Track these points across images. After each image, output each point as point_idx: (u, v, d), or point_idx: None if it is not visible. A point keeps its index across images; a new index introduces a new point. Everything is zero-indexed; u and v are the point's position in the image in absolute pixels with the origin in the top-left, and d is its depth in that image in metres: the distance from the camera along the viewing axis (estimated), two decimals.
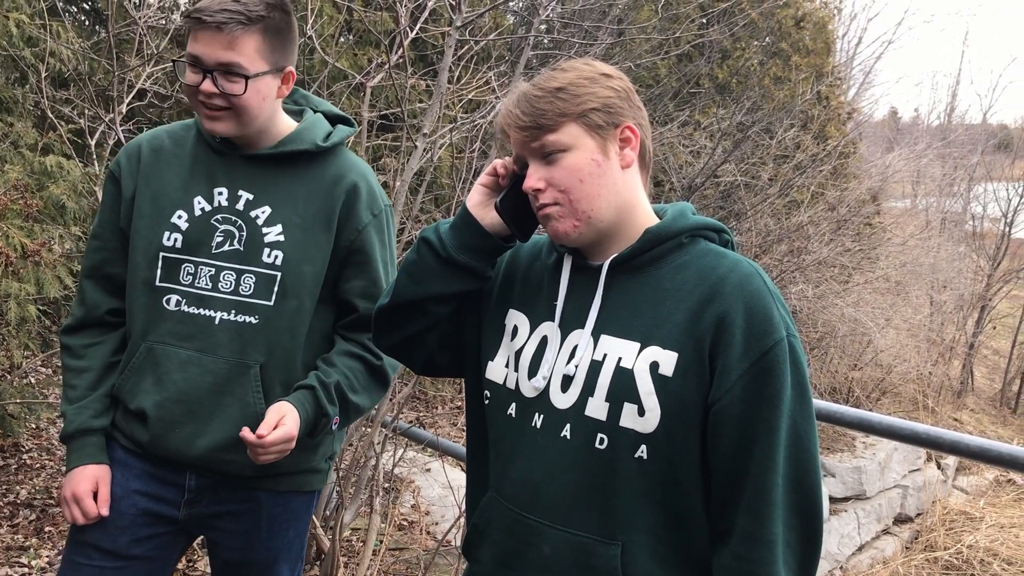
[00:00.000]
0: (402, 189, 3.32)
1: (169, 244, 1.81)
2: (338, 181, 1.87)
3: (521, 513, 1.41)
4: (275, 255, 1.81)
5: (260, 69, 1.74)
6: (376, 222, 1.91)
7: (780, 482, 1.30)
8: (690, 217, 1.43)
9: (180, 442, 1.81)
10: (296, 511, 1.97)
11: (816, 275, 8.63)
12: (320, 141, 1.86)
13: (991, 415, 13.06)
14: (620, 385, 1.33)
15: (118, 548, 1.84)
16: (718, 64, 9.37)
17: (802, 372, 1.32)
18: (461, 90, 4.08)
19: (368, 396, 1.92)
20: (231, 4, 1.69)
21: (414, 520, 4.30)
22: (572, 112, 1.36)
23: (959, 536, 8.75)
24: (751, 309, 1.30)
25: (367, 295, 1.89)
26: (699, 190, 7.68)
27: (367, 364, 1.90)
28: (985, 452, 2.12)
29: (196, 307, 1.80)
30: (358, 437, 3.54)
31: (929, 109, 31.25)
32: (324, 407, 1.81)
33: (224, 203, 1.82)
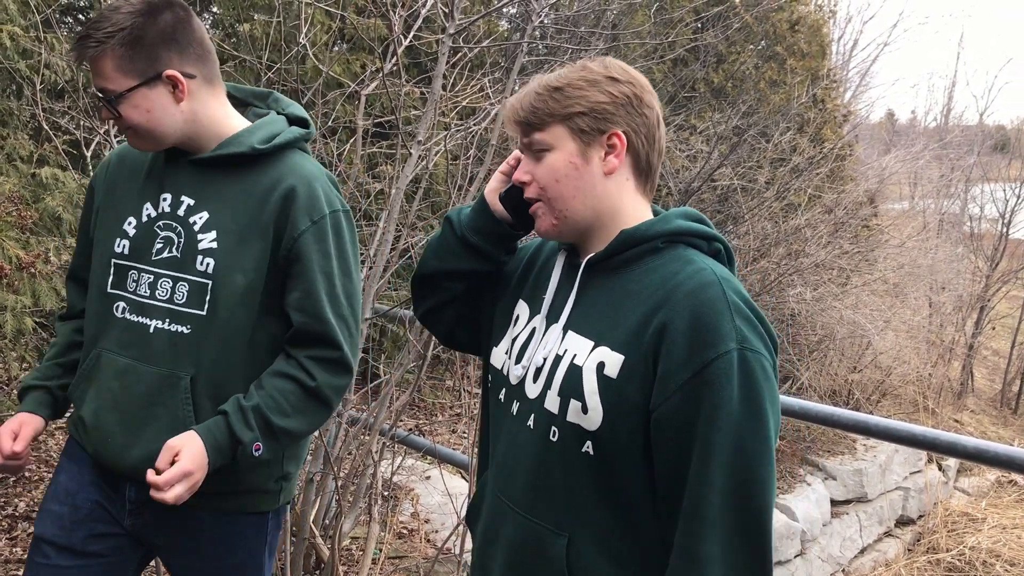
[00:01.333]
0: (397, 196, 3.32)
1: (119, 251, 1.80)
2: (275, 186, 1.77)
3: (499, 495, 1.49)
4: (207, 263, 1.74)
5: (126, 86, 1.68)
6: (316, 229, 1.78)
7: (717, 500, 1.25)
8: (674, 222, 1.41)
9: (114, 452, 1.77)
10: (245, 534, 1.88)
11: (814, 278, 8.62)
12: (258, 144, 1.78)
13: (992, 416, 13.04)
14: (570, 381, 1.37)
15: (73, 544, 1.81)
16: (713, 68, 9.37)
17: (757, 389, 1.26)
18: (455, 97, 4.08)
19: (303, 419, 1.78)
20: (90, 28, 1.66)
21: (414, 528, 4.29)
22: (559, 113, 1.40)
23: (961, 538, 8.74)
24: (697, 318, 1.27)
25: (301, 307, 1.77)
26: (696, 194, 7.68)
27: (300, 385, 1.76)
28: (982, 453, 2.12)
29: (136, 315, 1.77)
30: (356, 445, 3.53)
31: (926, 111, 31.27)
32: (237, 433, 1.71)
33: (167, 209, 1.79)
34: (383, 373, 4.06)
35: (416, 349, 3.46)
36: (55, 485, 1.88)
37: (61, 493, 1.85)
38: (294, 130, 1.85)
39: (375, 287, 3.34)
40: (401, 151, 3.38)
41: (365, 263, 3.47)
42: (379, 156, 5.31)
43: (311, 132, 1.90)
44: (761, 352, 1.28)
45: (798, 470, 8.42)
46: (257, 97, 1.96)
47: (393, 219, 3.33)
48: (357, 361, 1.86)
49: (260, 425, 1.73)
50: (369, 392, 4.01)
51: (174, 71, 1.72)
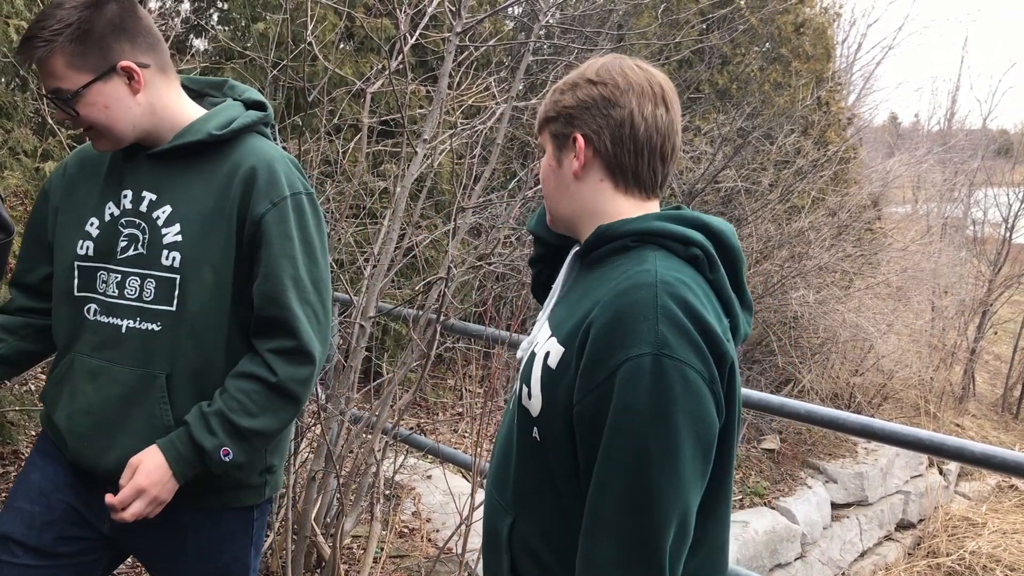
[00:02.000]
0: (402, 195, 3.32)
1: (82, 253, 1.76)
2: (235, 171, 1.72)
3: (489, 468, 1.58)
4: (173, 256, 1.70)
5: (81, 83, 1.64)
6: (277, 211, 1.71)
7: (612, 504, 1.22)
8: (647, 222, 1.37)
9: (92, 456, 1.73)
10: (230, 532, 1.85)
11: (817, 280, 8.62)
12: (214, 130, 1.72)
13: (993, 421, 13.03)
14: (527, 369, 1.42)
15: (43, 545, 1.77)
16: (718, 70, 9.37)
17: (667, 395, 1.20)
18: (461, 96, 4.08)
19: (271, 417, 1.71)
20: (37, 28, 1.61)
21: (415, 527, 4.28)
22: (544, 119, 1.48)
23: (961, 542, 8.73)
24: (616, 320, 1.24)
25: (262, 292, 1.71)
26: (700, 196, 7.67)
27: (263, 382, 1.70)
28: (989, 459, 2.11)
29: (107, 316, 1.73)
30: (359, 444, 3.52)
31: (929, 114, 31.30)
32: (198, 440, 1.66)
33: (129, 206, 1.74)
34: (385, 372, 4.05)
35: (419, 348, 3.45)
36: (26, 483, 1.82)
37: (34, 492, 1.80)
38: (251, 114, 1.80)
39: (379, 285, 3.33)
40: (406, 150, 3.38)
41: (369, 261, 3.47)
42: (384, 155, 5.31)
43: (268, 115, 1.85)
44: (684, 360, 1.21)
45: (799, 473, 8.41)
46: (213, 87, 1.91)
47: (398, 218, 3.33)
48: (326, 350, 1.78)
49: (225, 429, 1.67)
50: (372, 391, 4.00)
51: (128, 62, 1.67)
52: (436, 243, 5.35)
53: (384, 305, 3.82)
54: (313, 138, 4.18)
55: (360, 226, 4.68)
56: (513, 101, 3.66)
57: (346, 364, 3.40)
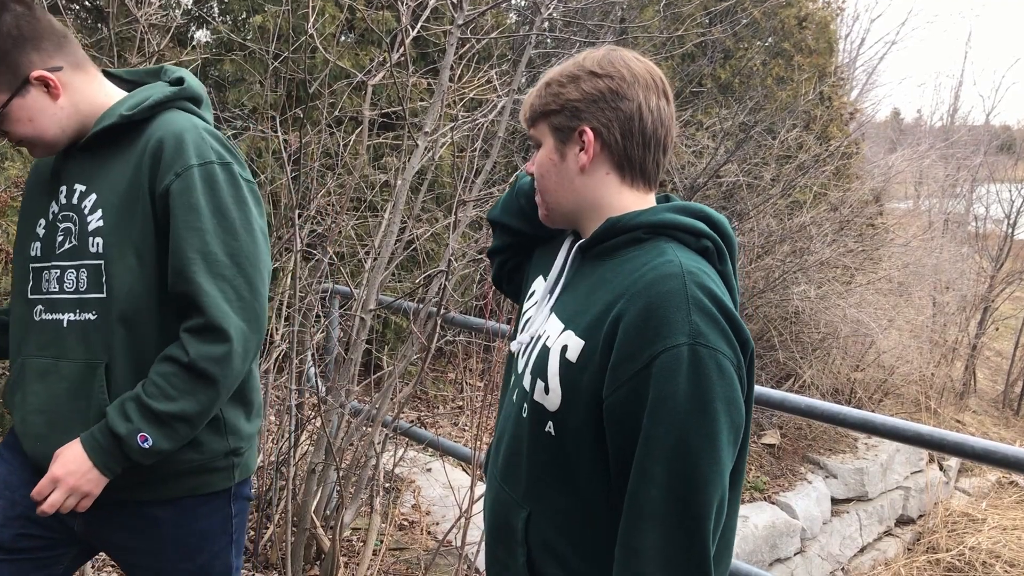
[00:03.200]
0: (403, 188, 3.31)
1: (33, 254, 1.76)
2: (145, 145, 1.67)
3: (492, 461, 1.58)
4: (97, 242, 1.67)
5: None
6: (181, 181, 1.64)
7: (655, 494, 1.23)
8: (659, 214, 1.39)
9: (47, 454, 1.70)
10: (207, 530, 1.83)
11: (819, 276, 8.60)
12: (126, 111, 1.67)
13: (993, 417, 13.02)
14: (539, 362, 1.41)
15: (2, 540, 1.75)
16: (720, 64, 9.34)
17: (705, 384, 1.23)
18: (463, 88, 4.07)
19: (191, 399, 1.64)
20: None
21: (415, 520, 4.29)
22: (540, 111, 1.45)
23: (961, 538, 8.73)
24: (650, 310, 1.25)
25: (171, 268, 1.65)
26: (701, 190, 7.66)
27: (179, 364, 1.64)
28: (990, 454, 2.11)
29: (50, 312, 1.72)
30: (358, 437, 3.52)
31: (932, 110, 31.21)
32: (114, 427, 1.62)
33: (64, 200, 1.74)
34: (386, 365, 4.05)
35: (419, 341, 3.45)
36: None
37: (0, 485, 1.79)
38: (166, 89, 1.74)
39: (379, 278, 3.33)
40: (407, 143, 3.37)
41: (370, 254, 3.46)
42: (386, 148, 5.30)
43: (187, 88, 1.77)
44: (718, 349, 1.24)
45: (799, 468, 8.41)
46: (149, 75, 1.86)
47: (398, 210, 3.32)
48: (257, 328, 1.70)
49: (141, 414, 1.62)
50: (372, 383, 4.00)
51: (39, 71, 1.65)
52: (437, 236, 5.34)
53: (385, 298, 3.82)
54: (314, 131, 4.17)
55: (361, 219, 4.67)
56: (515, 94, 3.65)
57: (346, 357, 3.40)
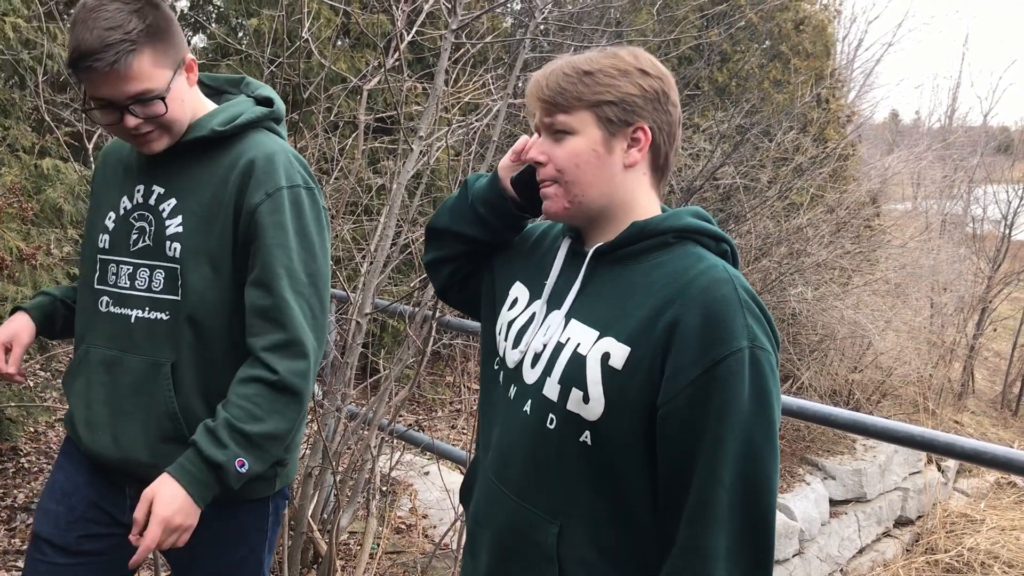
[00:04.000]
0: (398, 192, 3.32)
1: (101, 246, 1.80)
2: (235, 163, 1.74)
3: (492, 478, 1.49)
4: (174, 247, 1.73)
5: (167, 79, 1.67)
6: (271, 202, 1.72)
7: (725, 496, 1.25)
8: (685, 219, 1.41)
9: (105, 446, 1.76)
10: (246, 525, 1.87)
11: (816, 277, 8.61)
12: (218, 126, 1.74)
13: (992, 417, 13.03)
14: (572, 370, 1.36)
15: (67, 544, 1.80)
16: (717, 67, 9.36)
17: (765, 388, 1.27)
18: (458, 93, 4.08)
19: (279, 418, 1.69)
20: (108, 34, 1.58)
21: (412, 523, 4.30)
22: (587, 100, 1.38)
23: (960, 539, 8.74)
24: (710, 315, 1.27)
25: (256, 282, 1.71)
26: (698, 192, 7.67)
27: (264, 383, 1.68)
28: (979, 454, 2.11)
29: (119, 307, 1.77)
30: (355, 440, 3.53)
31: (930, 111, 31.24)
32: (210, 458, 1.63)
33: (140, 199, 1.78)
34: (383, 368, 4.06)
35: (416, 345, 3.46)
36: (53, 483, 1.87)
37: (58, 492, 1.84)
38: (257, 109, 1.82)
39: (375, 282, 3.34)
40: (403, 147, 3.38)
41: (366, 258, 3.48)
42: (381, 152, 5.31)
43: (276, 110, 1.85)
44: (769, 351, 1.29)
45: (797, 469, 8.42)
46: (230, 84, 1.93)
47: (394, 214, 3.33)
48: (322, 347, 1.78)
49: (235, 439, 1.65)
50: (368, 387, 4.01)
51: (189, 54, 1.73)
52: None
53: (381, 302, 3.83)
54: (310, 134, 4.18)
55: (357, 223, 4.68)
56: (509, 98, 3.66)
57: (343, 361, 3.41)
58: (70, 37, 1.61)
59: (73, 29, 1.61)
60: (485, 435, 1.57)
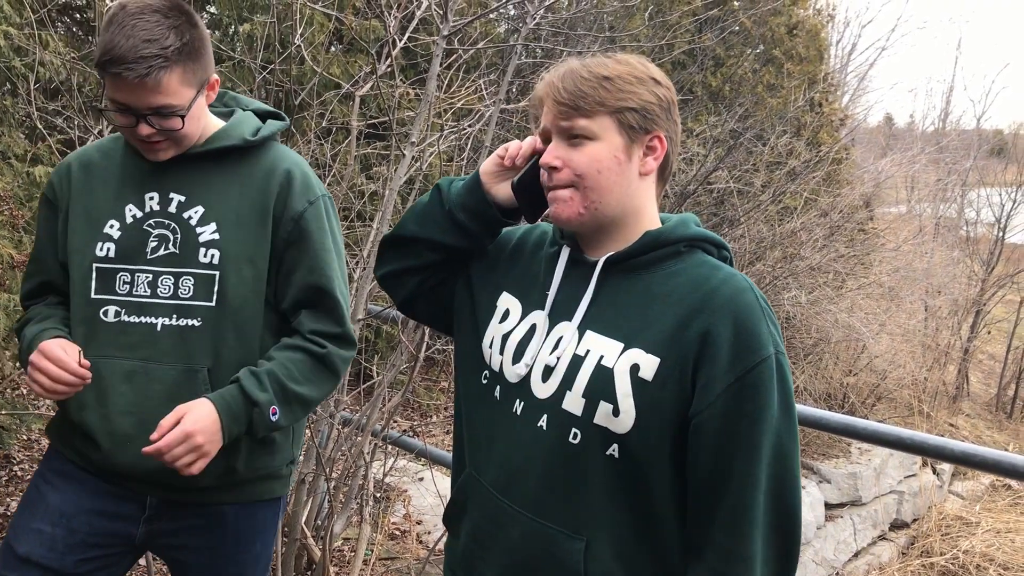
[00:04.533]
0: (391, 197, 3.32)
1: (102, 255, 1.78)
2: (271, 172, 1.83)
3: (497, 496, 1.44)
4: (211, 254, 1.77)
5: (190, 98, 1.71)
6: (313, 209, 1.84)
7: (761, 499, 1.28)
8: (692, 228, 1.42)
9: (133, 456, 1.74)
10: (263, 522, 1.94)
11: (809, 281, 8.63)
12: (249, 136, 1.82)
13: (987, 420, 13.05)
14: (598, 383, 1.34)
15: (64, 567, 1.78)
16: (711, 72, 9.38)
17: (788, 391, 1.30)
18: (450, 98, 4.09)
19: (315, 387, 1.82)
20: (144, 47, 1.61)
21: (406, 529, 4.29)
22: (610, 105, 1.36)
23: (955, 541, 8.73)
24: (739, 324, 1.28)
25: (308, 286, 1.83)
26: (692, 197, 7.68)
27: (310, 353, 1.81)
28: (970, 457, 2.12)
29: (137, 316, 1.76)
30: (348, 447, 3.52)
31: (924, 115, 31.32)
32: (251, 394, 1.72)
33: (156, 207, 1.79)
34: (376, 374, 4.06)
35: (408, 350, 3.46)
36: (43, 504, 1.82)
37: (54, 514, 1.80)
38: (275, 123, 1.90)
39: (367, 288, 3.34)
40: (395, 152, 3.38)
41: (359, 264, 3.47)
42: (375, 157, 5.31)
43: (286, 123, 1.95)
44: (785, 354, 1.32)
45: None
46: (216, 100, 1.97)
47: (386, 220, 3.33)
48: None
49: (275, 389, 1.75)
50: (362, 393, 4.00)
51: (214, 75, 1.77)
52: None
53: (374, 307, 3.82)
54: (303, 140, 4.18)
55: (350, 228, 4.68)
56: (501, 103, 3.67)
57: None
58: (104, 36, 1.62)
59: (108, 28, 1.62)
60: (480, 452, 1.51)
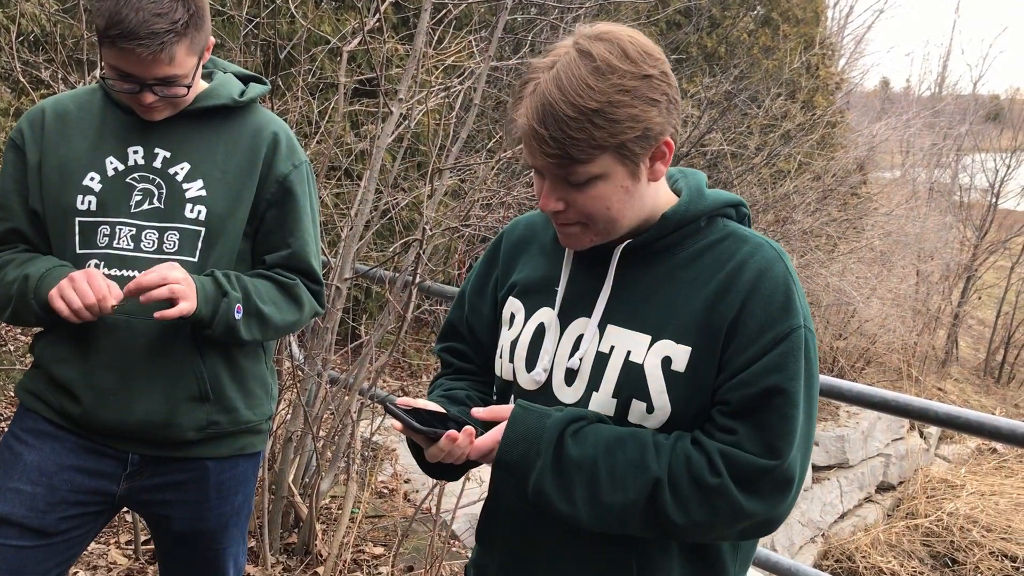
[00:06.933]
0: (378, 155, 3.29)
1: (83, 208, 1.74)
2: (258, 133, 1.84)
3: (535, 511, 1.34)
4: (198, 210, 1.76)
5: (193, 66, 1.70)
6: (297, 173, 1.87)
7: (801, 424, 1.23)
8: (707, 196, 1.32)
9: (116, 411, 1.74)
10: (243, 475, 1.96)
11: (801, 245, 8.63)
12: (236, 96, 1.83)
13: (975, 384, 13.16)
14: (629, 381, 1.26)
15: (44, 526, 1.77)
16: (707, 32, 9.29)
17: (813, 366, 1.24)
18: (440, 56, 4.03)
19: (278, 310, 1.84)
20: (155, 21, 1.58)
21: (393, 488, 4.31)
22: (608, 144, 1.20)
23: (940, 504, 8.86)
24: (769, 298, 1.22)
25: (289, 242, 1.86)
26: (685, 159, 7.65)
27: (276, 282, 1.85)
28: (953, 419, 2.13)
29: (119, 268, 1.74)
30: (336, 405, 3.53)
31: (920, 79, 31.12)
32: (223, 285, 1.74)
33: (140, 161, 1.77)
34: (364, 334, 4.05)
35: (396, 310, 3.45)
36: (20, 464, 1.80)
37: (33, 473, 1.78)
38: (259, 87, 1.92)
39: (355, 247, 3.32)
40: (383, 110, 3.34)
41: (347, 223, 3.45)
42: (363, 114, 5.26)
43: (267, 87, 1.96)
44: (813, 332, 1.27)
45: None
46: None
47: (374, 178, 3.30)
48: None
49: (242, 295, 1.77)
50: (350, 352, 4.00)
51: (212, 40, 1.77)
52: (415, 205, 5.32)
53: (361, 267, 3.80)
54: (291, 96, 4.13)
55: (339, 187, 4.64)
56: (491, 61, 3.62)
57: (322, 326, 3.40)
58: (107, 4, 1.58)
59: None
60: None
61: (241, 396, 1.86)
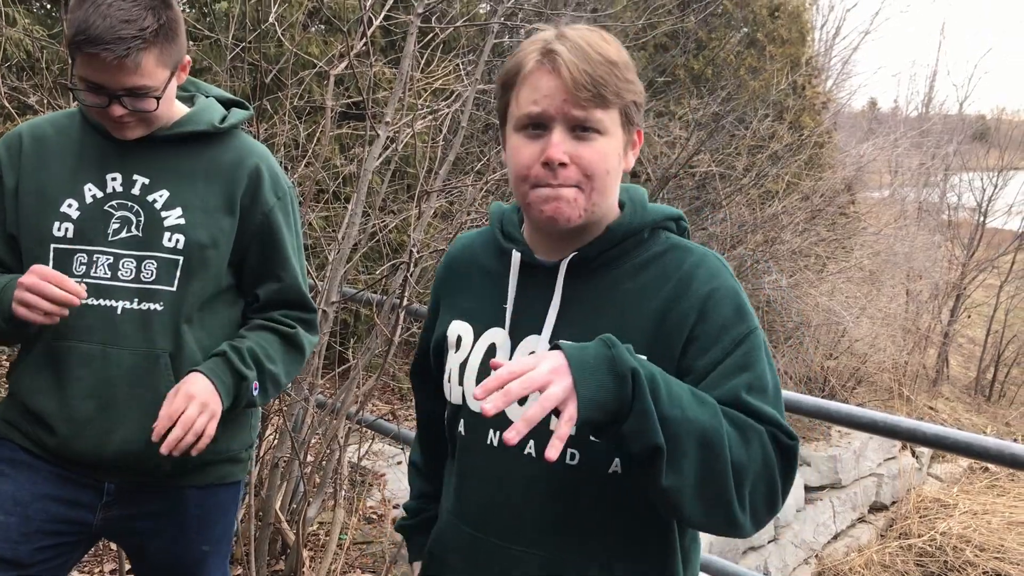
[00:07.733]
0: (365, 178, 3.28)
1: (60, 234, 1.72)
2: (239, 164, 1.82)
3: (484, 537, 1.32)
4: (176, 239, 1.74)
5: (164, 79, 1.69)
6: (282, 204, 1.86)
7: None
8: (649, 209, 1.33)
9: (92, 442, 1.72)
10: (224, 504, 1.94)
11: (790, 265, 8.65)
12: (217, 122, 1.82)
13: (966, 403, 13.16)
14: None
15: (19, 557, 1.73)
16: (693, 55, 9.35)
17: (772, 364, 1.27)
18: (428, 79, 4.04)
19: (285, 367, 1.86)
20: (122, 27, 1.58)
21: (382, 513, 4.27)
22: (624, 97, 1.23)
23: (933, 523, 8.83)
24: (721, 306, 1.23)
25: (278, 277, 1.86)
26: (673, 180, 7.67)
27: (279, 334, 1.85)
28: (941, 440, 2.12)
29: (95, 298, 1.71)
30: (323, 430, 3.50)
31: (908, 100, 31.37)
32: (239, 368, 1.74)
33: (118, 188, 1.75)
34: (352, 358, 4.03)
35: (383, 334, 3.43)
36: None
37: (7, 502, 1.76)
38: (240, 112, 1.90)
39: (341, 270, 3.30)
40: (370, 133, 3.34)
41: (333, 246, 3.43)
42: (351, 138, 5.26)
43: (250, 112, 1.95)
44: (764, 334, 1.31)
45: None
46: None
47: (361, 201, 3.29)
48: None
49: (257, 367, 1.78)
50: (337, 376, 3.97)
51: (187, 55, 1.76)
52: (404, 228, 5.31)
53: (348, 290, 3.79)
54: (278, 119, 4.13)
55: (326, 210, 4.63)
56: (478, 84, 3.62)
57: None
58: (78, 14, 1.58)
59: (82, 7, 1.58)
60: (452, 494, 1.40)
61: (220, 425, 1.82)
